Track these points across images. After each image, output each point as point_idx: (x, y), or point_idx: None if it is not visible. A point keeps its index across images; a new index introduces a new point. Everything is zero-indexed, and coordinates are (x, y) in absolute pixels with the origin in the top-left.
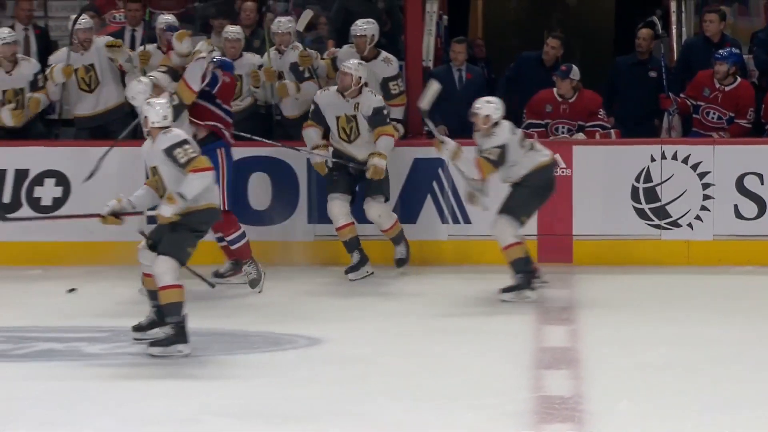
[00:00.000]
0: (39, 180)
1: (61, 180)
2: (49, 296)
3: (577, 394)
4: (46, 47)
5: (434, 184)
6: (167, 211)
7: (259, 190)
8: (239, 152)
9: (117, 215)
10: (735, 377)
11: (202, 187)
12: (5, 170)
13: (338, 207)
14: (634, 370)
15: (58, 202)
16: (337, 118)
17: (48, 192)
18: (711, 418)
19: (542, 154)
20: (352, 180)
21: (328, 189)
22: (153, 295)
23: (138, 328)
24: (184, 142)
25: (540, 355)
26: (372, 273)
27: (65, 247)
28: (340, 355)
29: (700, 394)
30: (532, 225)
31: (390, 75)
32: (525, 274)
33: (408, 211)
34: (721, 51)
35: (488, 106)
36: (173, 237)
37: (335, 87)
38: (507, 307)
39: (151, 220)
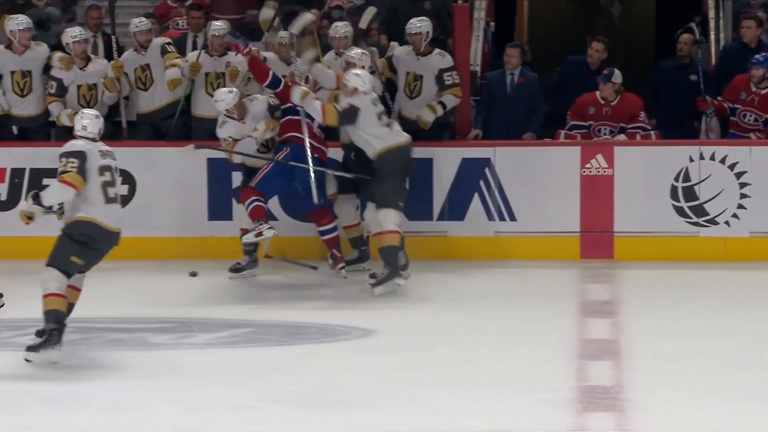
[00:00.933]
0: None
1: (128, 178)
2: (118, 289)
3: (618, 383)
4: (113, 53)
5: (481, 182)
6: (21, 205)
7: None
8: None
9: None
10: None
11: (57, 196)
12: None
13: (345, 208)
14: (674, 361)
15: (125, 199)
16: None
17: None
18: (749, 406)
19: (400, 135)
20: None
21: (339, 190)
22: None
23: (39, 333)
24: (74, 154)
25: (583, 346)
26: (369, 269)
27: (133, 242)
28: (392, 345)
29: (737, 384)
30: (575, 222)
31: (445, 66)
32: (393, 263)
33: (456, 208)
34: (757, 56)
35: (356, 79)
36: (55, 246)
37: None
38: (551, 300)
39: None
